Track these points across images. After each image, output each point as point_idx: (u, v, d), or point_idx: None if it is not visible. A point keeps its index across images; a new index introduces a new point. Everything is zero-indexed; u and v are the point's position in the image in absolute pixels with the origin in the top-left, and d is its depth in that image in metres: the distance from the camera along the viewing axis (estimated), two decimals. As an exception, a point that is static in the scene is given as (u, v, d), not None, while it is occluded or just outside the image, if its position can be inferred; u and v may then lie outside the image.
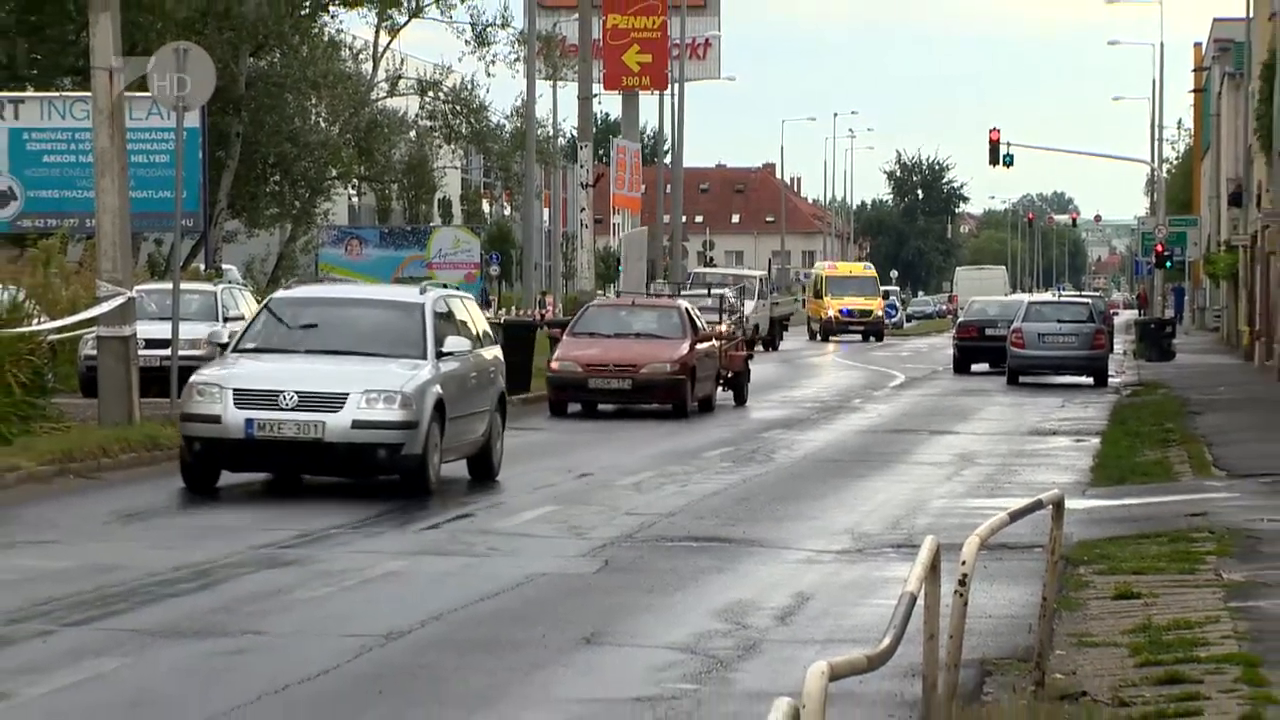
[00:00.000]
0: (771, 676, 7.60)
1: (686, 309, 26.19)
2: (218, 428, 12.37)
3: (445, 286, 17.68)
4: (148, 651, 8.42)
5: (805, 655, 7.12)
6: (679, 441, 21.59)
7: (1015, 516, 7.09)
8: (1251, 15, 34.65)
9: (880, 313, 49.17)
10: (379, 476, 13.12)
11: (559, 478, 18.03)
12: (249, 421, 12.23)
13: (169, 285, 21.12)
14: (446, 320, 14.80)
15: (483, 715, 6.94)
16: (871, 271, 53.61)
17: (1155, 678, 7.17)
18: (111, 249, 18.61)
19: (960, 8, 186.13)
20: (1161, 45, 63.74)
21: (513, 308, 43.04)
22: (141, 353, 19.02)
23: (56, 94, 28.81)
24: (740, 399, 27.36)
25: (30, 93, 30.53)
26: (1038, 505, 7.47)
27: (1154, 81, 63.65)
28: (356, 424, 12.38)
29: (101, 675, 7.54)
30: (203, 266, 31.20)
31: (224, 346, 15.33)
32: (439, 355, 13.84)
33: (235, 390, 12.51)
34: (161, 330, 19.69)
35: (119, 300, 18.14)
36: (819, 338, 51.40)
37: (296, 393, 12.40)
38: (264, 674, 7.80)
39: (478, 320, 16.82)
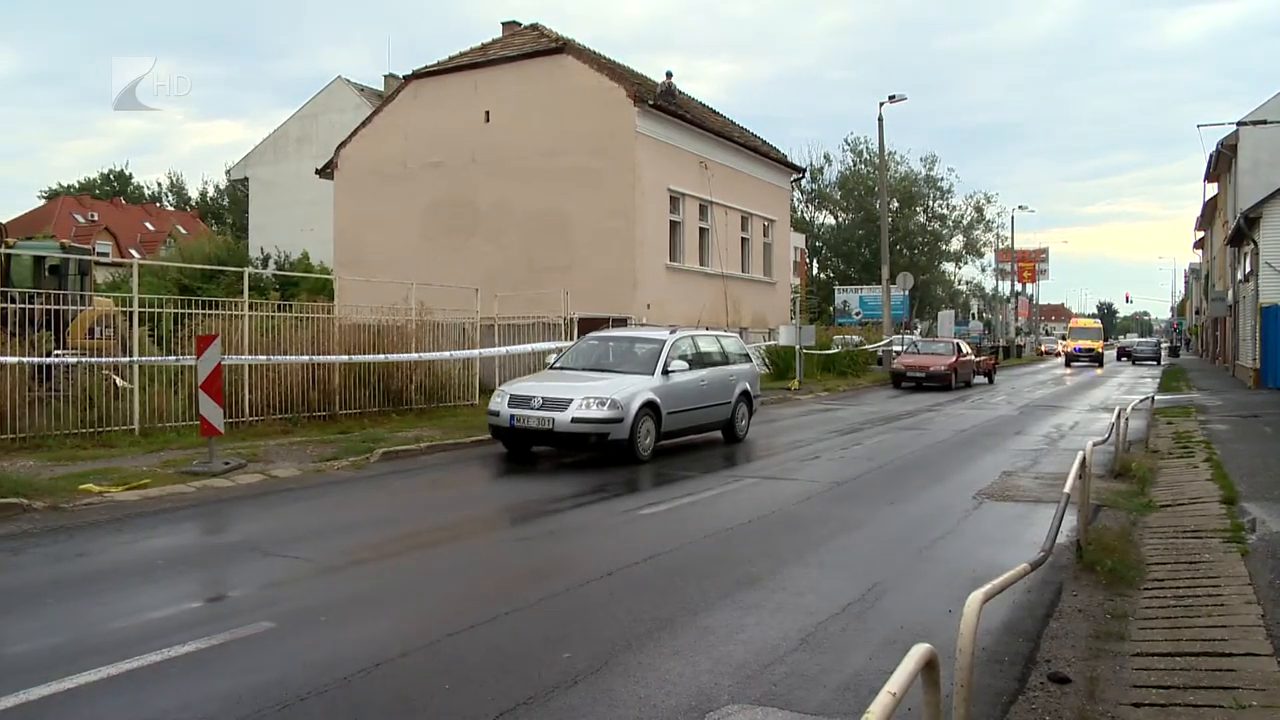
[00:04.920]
0: (1072, 445, 14.05)
1: (957, 343, 34.42)
2: (498, 419, 12.94)
3: (706, 329, 18.65)
4: (886, 430, 17.19)
5: (1080, 440, 13.17)
6: (1024, 381, 43.42)
7: (1142, 401, 17.10)
8: (1201, 261, 64.05)
9: (1101, 350, 57.78)
10: (595, 453, 12.91)
11: (989, 392, 29.39)
12: (512, 416, 12.74)
13: (897, 336, 39.04)
14: (682, 350, 14.58)
15: (981, 456, 13.97)
16: (1097, 324, 62.46)
17: (1180, 445, 14.34)
18: (887, 327, 39.06)
19: (1099, 251, 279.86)
20: (1175, 270, 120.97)
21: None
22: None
23: (871, 286, 55.17)
24: (991, 381, 35.06)
25: (862, 287, 58.03)
26: (1146, 398, 17.73)
27: (1173, 283, 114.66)
28: (575, 420, 12.44)
29: (879, 439, 15.85)
30: (912, 330, 51.35)
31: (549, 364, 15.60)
32: (665, 372, 13.75)
33: (510, 395, 13.01)
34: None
35: (893, 339, 38.24)
36: (1066, 364, 57.36)
37: (542, 398, 12.73)
38: (928, 439, 15.87)
39: (731, 348, 16.32)
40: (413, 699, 4.60)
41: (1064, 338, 73.35)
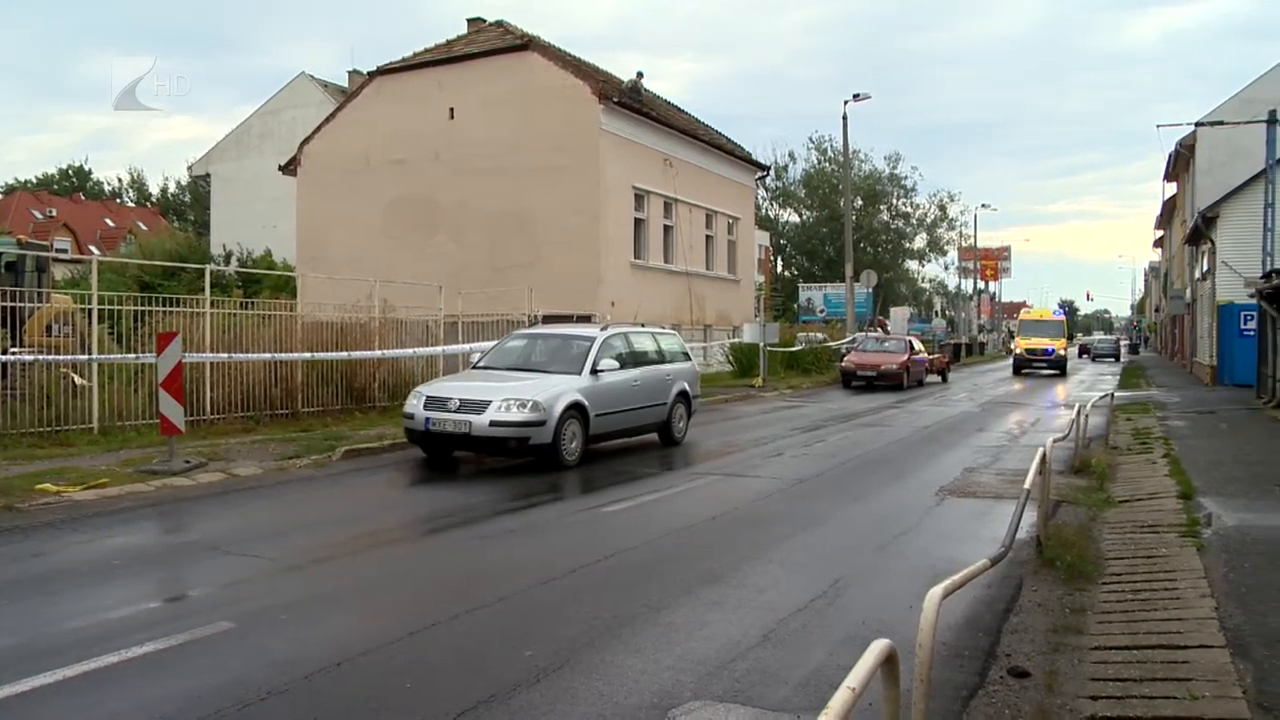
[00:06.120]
0: (1033, 442, 14.22)
1: (910, 340, 32.05)
2: (413, 422, 12.10)
3: (643, 326, 16.57)
4: (849, 428, 16.94)
5: (1041, 437, 13.13)
6: (986, 378, 46.87)
7: (1102, 397, 17.09)
8: (1160, 260, 64.03)
9: (1063, 352, 41.18)
10: (516, 458, 12.19)
11: (948, 389, 29.71)
12: (428, 419, 11.90)
13: (860, 334, 36.47)
14: (614, 348, 13.72)
15: (943, 452, 13.95)
16: (1059, 317, 45.11)
17: (1139, 441, 14.35)
18: (851, 324, 39.12)
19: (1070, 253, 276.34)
20: (1135, 269, 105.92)
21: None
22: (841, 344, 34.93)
23: (835, 283, 54.48)
24: (944, 379, 33.77)
25: (826, 284, 59.38)
26: (1106, 395, 18.05)
27: (1132, 281, 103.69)
28: (493, 423, 11.61)
29: (842, 436, 15.76)
30: (880, 326, 48.33)
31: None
32: (594, 372, 12.88)
33: (426, 397, 12.14)
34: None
35: (856, 336, 35.48)
36: (1014, 371, 40.57)
37: (460, 400, 11.88)
38: (890, 436, 15.91)
39: (668, 346, 15.26)
40: (375, 698, 4.59)
41: (1013, 334, 55.29)
